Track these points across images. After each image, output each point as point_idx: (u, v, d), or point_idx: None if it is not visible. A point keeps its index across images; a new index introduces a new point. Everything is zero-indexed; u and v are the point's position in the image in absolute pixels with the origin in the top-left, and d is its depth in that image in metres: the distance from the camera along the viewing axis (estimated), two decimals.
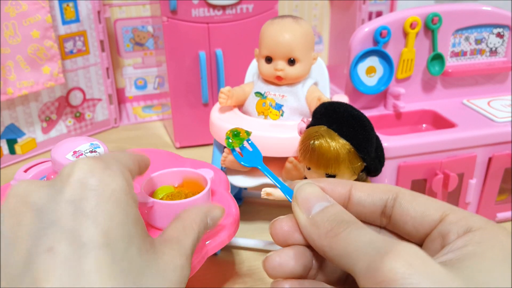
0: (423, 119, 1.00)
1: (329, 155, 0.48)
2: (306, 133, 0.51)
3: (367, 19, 1.47)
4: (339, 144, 0.48)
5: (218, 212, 0.45)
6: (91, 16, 1.29)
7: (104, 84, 1.38)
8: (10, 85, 1.14)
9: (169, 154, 0.82)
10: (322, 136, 0.49)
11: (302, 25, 0.79)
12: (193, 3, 1.15)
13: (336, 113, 0.51)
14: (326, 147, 0.48)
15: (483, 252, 0.27)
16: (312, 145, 0.49)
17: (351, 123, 0.50)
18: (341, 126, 0.49)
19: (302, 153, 0.51)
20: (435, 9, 0.94)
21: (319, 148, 0.48)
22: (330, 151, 0.48)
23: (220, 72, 1.21)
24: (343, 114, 0.51)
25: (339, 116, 0.50)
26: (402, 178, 0.86)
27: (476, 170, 0.91)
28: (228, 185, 0.73)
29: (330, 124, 0.50)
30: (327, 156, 0.48)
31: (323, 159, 0.48)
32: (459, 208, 0.36)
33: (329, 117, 0.50)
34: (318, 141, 0.49)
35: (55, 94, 1.28)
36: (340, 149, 0.48)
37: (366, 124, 0.52)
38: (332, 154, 0.48)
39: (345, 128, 0.49)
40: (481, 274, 0.25)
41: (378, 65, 0.95)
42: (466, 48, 1.00)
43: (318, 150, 0.48)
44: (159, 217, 0.61)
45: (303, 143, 0.50)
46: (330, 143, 0.48)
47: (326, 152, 0.48)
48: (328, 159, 0.48)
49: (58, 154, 0.61)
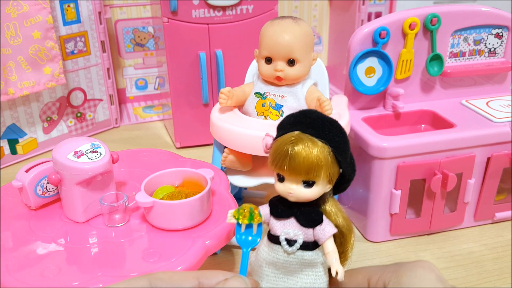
0: (422, 119, 1.00)
1: (310, 159, 0.45)
2: (279, 141, 0.46)
3: (366, 20, 1.48)
4: (319, 147, 0.45)
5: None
6: (92, 17, 1.29)
7: (105, 84, 1.39)
8: (12, 86, 1.15)
9: (170, 154, 0.83)
10: (301, 140, 0.45)
11: (301, 26, 0.80)
12: (193, 4, 1.15)
13: (309, 119, 0.48)
14: (307, 151, 0.45)
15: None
16: (291, 151, 0.45)
17: (327, 126, 0.47)
18: (318, 129, 0.46)
19: (276, 161, 0.46)
20: (434, 10, 0.94)
21: (299, 153, 0.45)
22: (311, 155, 0.45)
23: (220, 73, 1.22)
24: (317, 118, 0.48)
25: (313, 120, 0.47)
26: (401, 178, 0.87)
27: (474, 170, 0.91)
28: (228, 185, 0.73)
29: (305, 130, 0.46)
30: (309, 161, 0.45)
31: (304, 164, 0.45)
32: (381, 266, 0.45)
33: (302, 124, 0.47)
34: (297, 146, 0.45)
35: (56, 94, 1.28)
36: (322, 153, 0.45)
37: (341, 127, 0.49)
38: (313, 159, 0.45)
39: (321, 131, 0.46)
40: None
41: (377, 65, 0.95)
42: (465, 48, 1.00)
43: (298, 156, 0.45)
44: (159, 217, 0.61)
45: (277, 150, 0.46)
46: (311, 147, 0.45)
47: (308, 156, 0.45)
48: (309, 164, 0.45)
49: (59, 154, 0.62)
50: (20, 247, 0.59)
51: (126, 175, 0.76)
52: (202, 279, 0.37)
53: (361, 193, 0.93)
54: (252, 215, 0.46)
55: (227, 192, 0.71)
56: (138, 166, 0.79)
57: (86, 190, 0.63)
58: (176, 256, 0.57)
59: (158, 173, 0.67)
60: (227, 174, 0.80)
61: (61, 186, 0.63)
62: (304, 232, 0.47)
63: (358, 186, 0.94)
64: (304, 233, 0.47)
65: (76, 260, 0.57)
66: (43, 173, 0.65)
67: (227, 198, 0.69)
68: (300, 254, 0.48)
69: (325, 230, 0.47)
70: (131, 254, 0.59)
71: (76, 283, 0.53)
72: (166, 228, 0.62)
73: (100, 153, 0.63)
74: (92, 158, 0.62)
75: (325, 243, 0.47)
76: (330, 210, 0.49)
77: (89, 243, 0.61)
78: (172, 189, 0.67)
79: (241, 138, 0.76)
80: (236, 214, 0.47)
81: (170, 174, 0.68)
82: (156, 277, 0.36)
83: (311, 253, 0.48)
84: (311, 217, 0.48)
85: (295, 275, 0.49)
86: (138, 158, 0.81)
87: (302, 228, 0.47)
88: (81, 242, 0.61)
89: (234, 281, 0.37)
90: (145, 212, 0.63)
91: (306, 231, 0.47)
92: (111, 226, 0.63)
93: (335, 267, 0.46)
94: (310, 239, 0.48)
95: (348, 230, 0.50)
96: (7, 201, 0.69)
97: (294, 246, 0.47)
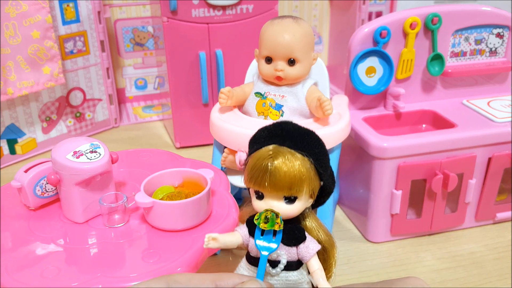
0: (423, 119, 1.00)
1: (292, 174, 0.41)
2: (255, 156, 0.43)
3: (367, 20, 1.47)
4: (300, 160, 0.42)
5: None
6: (91, 17, 1.29)
7: (104, 84, 1.38)
8: (11, 85, 1.15)
9: (169, 154, 0.82)
10: (280, 153, 0.42)
11: (302, 25, 0.79)
12: (193, 4, 1.15)
13: (285, 131, 0.44)
14: (288, 165, 0.41)
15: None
16: (270, 166, 0.41)
17: (305, 138, 0.44)
18: (296, 142, 0.43)
19: (255, 178, 0.43)
20: (435, 9, 0.94)
21: (279, 167, 0.41)
22: (293, 169, 0.41)
23: (220, 72, 1.21)
24: (293, 130, 0.44)
25: (289, 133, 0.44)
26: (401, 178, 0.86)
27: (475, 170, 0.91)
28: (228, 185, 0.73)
29: (282, 143, 0.43)
30: (290, 175, 0.41)
31: (286, 179, 0.41)
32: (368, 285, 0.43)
33: (278, 137, 0.44)
34: (277, 160, 0.41)
35: (55, 94, 1.28)
36: (303, 166, 0.42)
37: (319, 138, 0.45)
38: (295, 173, 0.41)
39: (300, 144, 0.43)
40: None
41: (378, 65, 0.95)
42: (465, 48, 1.00)
43: (279, 170, 0.41)
44: (159, 217, 0.61)
45: (256, 166, 0.42)
46: (292, 160, 0.42)
47: (289, 171, 0.41)
48: (291, 178, 0.41)
49: (58, 154, 0.61)
50: (19, 247, 0.59)
51: (125, 175, 0.76)
52: (218, 282, 0.37)
53: (361, 193, 0.93)
54: (273, 221, 0.43)
55: (227, 192, 0.70)
56: (137, 166, 0.78)
57: (86, 191, 0.63)
58: (175, 257, 0.57)
59: (157, 173, 0.67)
60: (227, 174, 0.80)
61: (60, 186, 0.63)
62: (287, 251, 0.45)
63: (359, 186, 0.94)
64: (287, 252, 0.45)
65: (75, 260, 0.57)
66: (42, 173, 0.65)
67: (227, 198, 0.68)
68: (284, 276, 0.45)
69: (309, 248, 0.45)
70: (130, 254, 0.58)
71: (75, 284, 0.53)
72: (166, 229, 0.62)
73: (100, 153, 0.63)
74: (92, 158, 0.62)
75: (310, 261, 0.45)
76: (311, 226, 0.46)
77: (89, 243, 0.60)
78: (171, 190, 0.66)
79: (241, 138, 0.76)
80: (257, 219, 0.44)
81: (170, 175, 0.68)
82: (173, 279, 0.36)
83: (295, 273, 0.45)
84: (294, 235, 0.45)
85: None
86: (138, 158, 0.81)
87: (285, 247, 0.45)
88: (81, 242, 0.60)
89: (251, 284, 0.37)
90: (145, 213, 0.62)
91: (289, 250, 0.45)
92: (110, 226, 0.63)
93: (323, 286, 0.44)
94: (293, 258, 0.45)
95: (330, 245, 0.47)
96: (6, 202, 0.68)
97: (278, 267, 0.44)
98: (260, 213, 0.44)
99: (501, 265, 0.86)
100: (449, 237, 0.94)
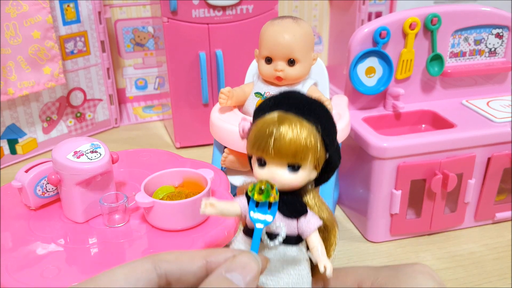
0: (423, 120, 1.00)
1: (298, 140, 0.40)
2: (260, 123, 0.41)
3: (366, 20, 1.47)
4: (307, 127, 0.40)
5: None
6: (91, 17, 1.29)
7: (105, 84, 1.38)
8: (11, 86, 1.15)
9: (169, 154, 0.83)
10: (287, 119, 0.40)
11: (302, 25, 0.80)
12: (193, 4, 1.15)
13: (291, 99, 0.43)
14: (295, 132, 0.40)
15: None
16: (276, 130, 0.40)
17: (312, 106, 0.42)
18: (303, 109, 0.42)
19: (258, 143, 0.41)
20: (435, 9, 0.94)
21: (286, 133, 0.40)
22: (299, 135, 0.40)
23: (220, 73, 1.21)
24: (301, 98, 0.43)
25: (297, 101, 0.42)
26: (401, 178, 0.87)
27: (475, 170, 0.91)
28: (228, 185, 0.73)
29: (288, 110, 0.41)
30: (296, 141, 0.40)
31: (291, 145, 0.40)
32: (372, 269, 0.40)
33: (285, 105, 0.42)
34: (283, 126, 0.40)
35: (56, 94, 1.28)
36: (310, 133, 0.40)
37: (327, 109, 0.44)
38: (301, 139, 0.40)
39: (307, 111, 0.42)
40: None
41: (378, 65, 0.95)
42: (465, 48, 1.00)
43: (284, 136, 0.40)
44: (159, 217, 0.61)
45: (260, 131, 0.41)
46: (298, 127, 0.40)
47: (295, 137, 0.40)
48: (296, 145, 0.40)
49: (59, 154, 0.62)
50: (19, 247, 0.59)
51: (126, 175, 0.76)
52: (210, 258, 0.35)
53: (361, 193, 0.93)
54: (269, 192, 0.41)
55: (227, 192, 0.71)
56: (137, 166, 0.79)
57: (86, 191, 0.63)
58: None
59: (158, 173, 0.67)
60: (227, 174, 0.80)
61: (60, 186, 0.63)
62: (287, 224, 0.42)
63: (358, 186, 0.94)
64: (287, 225, 0.42)
65: (75, 260, 0.57)
66: (43, 173, 0.65)
67: (227, 198, 0.69)
68: (282, 250, 0.43)
69: (310, 222, 0.42)
70: (130, 254, 0.59)
71: (75, 284, 0.53)
72: (166, 229, 0.62)
73: (100, 153, 0.63)
74: (92, 158, 0.62)
75: (310, 236, 0.42)
76: (313, 203, 0.44)
77: (89, 243, 0.61)
78: (172, 190, 0.66)
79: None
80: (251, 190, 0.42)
81: (170, 174, 0.68)
82: (160, 258, 0.34)
83: (294, 249, 0.43)
84: (295, 207, 0.43)
85: (276, 274, 0.43)
86: (138, 158, 0.81)
87: (285, 220, 0.42)
88: (81, 242, 0.61)
89: (243, 257, 0.34)
90: (145, 213, 0.63)
91: (289, 223, 0.42)
92: (110, 226, 0.63)
93: (323, 261, 0.41)
94: (293, 232, 0.43)
95: (331, 224, 0.45)
96: (7, 202, 0.69)
97: (276, 239, 0.41)
98: (254, 184, 0.42)
99: (501, 265, 0.87)
100: (448, 237, 0.94)
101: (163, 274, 0.33)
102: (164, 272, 0.33)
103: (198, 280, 0.34)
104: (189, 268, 0.34)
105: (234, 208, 0.43)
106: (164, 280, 0.33)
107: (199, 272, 0.34)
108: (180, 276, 0.34)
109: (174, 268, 0.34)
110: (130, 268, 0.33)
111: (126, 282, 0.32)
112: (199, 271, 0.34)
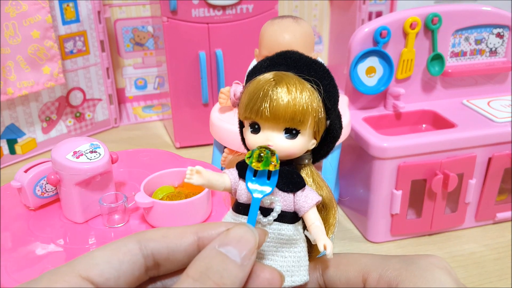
0: (423, 119, 1.00)
1: (296, 100, 0.35)
2: (254, 82, 0.37)
3: (367, 19, 1.47)
4: (306, 88, 0.36)
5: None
6: (91, 16, 1.29)
7: (104, 84, 1.38)
8: (10, 85, 1.15)
9: (169, 154, 0.82)
10: (284, 77, 0.36)
11: (302, 25, 0.79)
12: (193, 3, 1.15)
13: (289, 59, 0.38)
14: (293, 92, 0.35)
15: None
16: (272, 90, 0.35)
17: (313, 67, 0.38)
18: (302, 69, 0.37)
19: (251, 105, 0.36)
20: (435, 9, 0.94)
21: (282, 94, 0.35)
22: (297, 96, 0.35)
23: (220, 72, 1.21)
24: (300, 58, 0.39)
25: (296, 60, 0.38)
26: (402, 178, 0.86)
27: (476, 170, 0.91)
28: None
29: (287, 69, 0.37)
30: (294, 102, 0.35)
31: (289, 106, 0.35)
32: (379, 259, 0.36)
33: (282, 65, 0.38)
34: (280, 84, 0.35)
35: (55, 94, 1.28)
36: (310, 94, 0.36)
37: (328, 70, 0.39)
38: (300, 100, 0.36)
39: (307, 71, 0.37)
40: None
41: (378, 65, 0.95)
42: (466, 48, 1.00)
43: (281, 97, 0.35)
44: (159, 217, 0.61)
45: (254, 91, 0.36)
46: (297, 86, 0.36)
47: (294, 97, 0.35)
48: (295, 106, 0.35)
49: (58, 154, 0.61)
50: (19, 247, 0.59)
51: (125, 175, 0.76)
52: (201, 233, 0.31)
53: (361, 193, 0.93)
54: (268, 160, 0.36)
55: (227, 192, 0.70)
56: (137, 166, 0.78)
57: (85, 191, 0.63)
58: None
59: (157, 174, 0.67)
60: None
61: (60, 186, 0.63)
62: (283, 198, 0.37)
63: (359, 186, 0.94)
64: (283, 199, 0.37)
65: None
66: (42, 173, 0.65)
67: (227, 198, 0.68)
68: (276, 228, 0.37)
69: (308, 197, 0.37)
70: None
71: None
72: None
73: (99, 153, 0.63)
74: (91, 158, 0.62)
75: (308, 213, 0.37)
76: (310, 180, 0.39)
77: (88, 243, 0.60)
78: (171, 190, 0.66)
79: None
80: (249, 157, 0.36)
81: (170, 175, 0.68)
82: (146, 237, 0.30)
83: (290, 227, 0.37)
84: (292, 180, 0.37)
85: (269, 257, 0.38)
86: (138, 158, 0.81)
87: (280, 193, 0.37)
88: (80, 242, 0.60)
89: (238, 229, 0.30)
90: (145, 213, 0.62)
91: (285, 197, 0.37)
92: (110, 226, 0.63)
93: (323, 240, 0.36)
94: (289, 208, 0.37)
95: (331, 202, 0.39)
96: (6, 202, 0.68)
97: (270, 215, 0.36)
98: (252, 150, 0.36)
99: (501, 265, 0.86)
100: (449, 237, 0.94)
101: (149, 254, 0.30)
102: (151, 251, 0.30)
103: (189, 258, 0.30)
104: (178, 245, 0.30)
105: (223, 179, 0.38)
106: (151, 260, 0.30)
107: (190, 250, 0.31)
108: (168, 255, 0.30)
109: (162, 247, 0.30)
110: (112, 250, 0.29)
111: (108, 266, 0.28)
112: (190, 248, 0.30)
